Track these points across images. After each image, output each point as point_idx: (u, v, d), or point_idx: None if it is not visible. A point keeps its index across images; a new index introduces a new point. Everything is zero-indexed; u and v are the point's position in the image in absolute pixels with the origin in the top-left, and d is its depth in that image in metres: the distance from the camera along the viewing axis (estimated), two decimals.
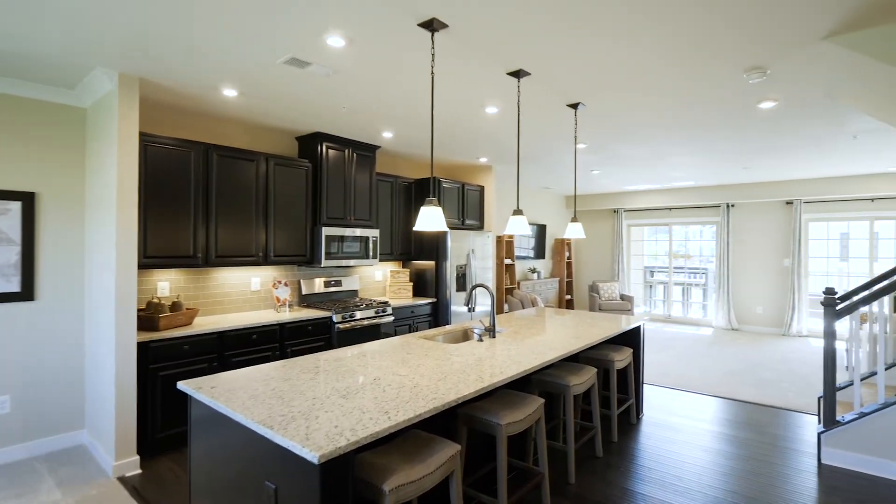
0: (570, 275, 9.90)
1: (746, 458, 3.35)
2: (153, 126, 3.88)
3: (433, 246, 5.65)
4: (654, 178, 7.62)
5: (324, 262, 4.55)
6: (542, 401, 2.61)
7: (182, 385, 2.11)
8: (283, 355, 4.05)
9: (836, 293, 4.13)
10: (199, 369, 3.54)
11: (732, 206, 8.61)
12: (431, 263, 5.68)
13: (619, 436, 3.73)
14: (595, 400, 3.31)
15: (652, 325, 8.99)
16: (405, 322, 5.20)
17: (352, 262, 4.84)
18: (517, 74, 3.02)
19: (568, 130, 4.47)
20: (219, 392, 2.01)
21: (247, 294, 4.44)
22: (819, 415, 4.17)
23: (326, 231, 4.58)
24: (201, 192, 3.81)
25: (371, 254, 5.04)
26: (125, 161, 3.13)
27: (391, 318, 4.92)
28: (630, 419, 4.04)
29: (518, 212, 3.29)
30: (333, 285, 5.06)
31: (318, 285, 4.92)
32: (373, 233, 5.05)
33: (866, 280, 7.52)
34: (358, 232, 4.89)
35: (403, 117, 4.10)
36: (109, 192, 3.18)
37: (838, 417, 3.28)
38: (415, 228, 2.54)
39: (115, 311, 3.08)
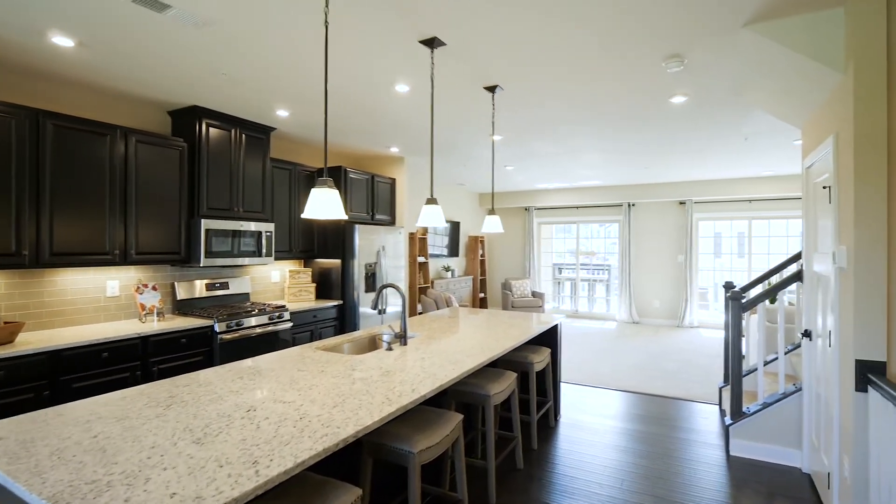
0: (483, 273, 9.81)
1: (662, 457, 3.29)
2: None
3: (339, 242, 5.11)
4: (564, 176, 7.72)
5: (203, 261, 3.83)
6: (460, 417, 2.25)
7: None
8: (147, 376, 3.30)
9: (735, 287, 4.30)
10: (21, 402, 2.71)
11: (633, 205, 9.05)
12: (337, 262, 5.13)
13: (539, 442, 3.52)
14: (515, 406, 3.05)
15: (560, 318, 9.16)
16: (306, 328, 4.61)
17: (241, 261, 4.15)
18: (431, 44, 2.64)
19: (485, 118, 4.20)
20: (6, 447, 1.38)
21: (100, 301, 3.59)
22: (720, 404, 4.32)
23: (207, 224, 3.86)
24: (28, 171, 2.95)
25: (264, 251, 4.39)
26: None
27: (289, 324, 4.31)
28: (549, 422, 3.86)
29: (432, 200, 2.92)
30: (219, 288, 4.32)
31: (199, 289, 4.17)
32: (267, 227, 4.39)
33: (746, 273, 8.24)
34: (248, 226, 4.21)
35: (300, 93, 3.54)
36: None
37: (744, 409, 3.34)
38: (303, 215, 2.05)
39: None
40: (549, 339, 4.02)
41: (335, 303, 4.99)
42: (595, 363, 5.89)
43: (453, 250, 9.10)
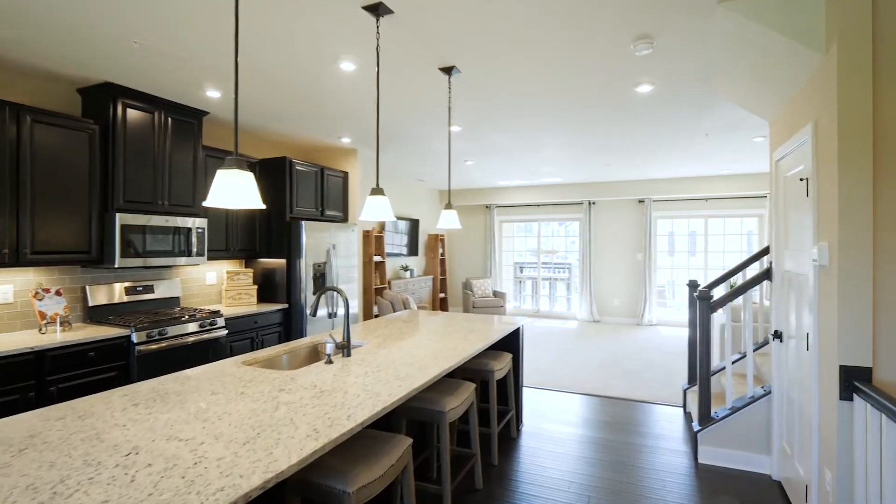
0: (443, 272, 9.52)
1: (629, 468, 3.09)
2: None
3: (283, 240, 4.68)
4: (525, 173, 7.53)
5: (118, 262, 3.33)
6: (408, 442, 1.93)
7: None
8: (45, 398, 2.79)
9: (699, 285, 4.18)
10: None
11: (594, 203, 8.99)
12: (282, 262, 4.70)
13: (501, 457, 3.25)
14: (474, 420, 2.76)
15: (522, 321, 8.99)
16: (246, 335, 4.17)
17: (165, 262, 3.66)
18: (376, 9, 2.31)
19: (441, 106, 3.89)
20: None
21: None
22: (684, 406, 4.19)
23: (123, 219, 3.36)
24: None
25: (195, 250, 3.91)
26: None
27: (223, 331, 3.85)
28: (511, 433, 3.60)
29: (377, 190, 2.58)
30: (141, 292, 3.82)
31: (118, 293, 3.66)
32: (198, 223, 3.92)
33: (703, 272, 8.32)
34: (175, 221, 3.73)
35: (231, 69, 3.12)
36: None
37: (712, 413, 3.19)
38: (205, 203, 1.66)
39: None
40: (511, 342, 3.76)
41: (280, 306, 4.55)
42: (557, 365, 5.71)
43: (412, 249, 8.77)
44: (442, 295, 9.35)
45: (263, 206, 1.71)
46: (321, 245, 4.85)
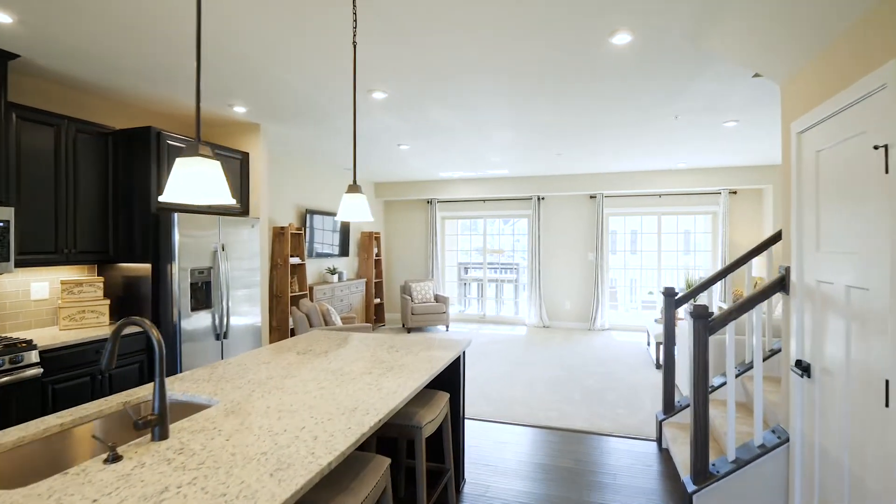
0: (379, 275, 8.48)
1: None
2: None
3: (148, 238, 3.50)
4: (470, 164, 6.67)
5: None
6: None
7: None
8: None
9: (676, 292, 3.47)
10: None
11: (543, 199, 8.30)
12: (146, 267, 3.51)
13: None
14: None
15: (467, 328, 8.17)
16: (82, 373, 2.97)
17: None
18: None
19: (348, 58, 2.90)
20: None
21: None
22: (659, 440, 3.46)
23: None
24: None
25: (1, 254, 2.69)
26: None
27: (37, 370, 2.66)
28: (448, 498, 2.68)
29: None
30: None
31: None
32: (1, 214, 2.69)
33: (656, 272, 7.84)
34: None
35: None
36: None
37: (710, 466, 2.43)
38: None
39: None
40: (452, 374, 2.84)
41: (141, 328, 3.37)
42: (506, 384, 4.88)
43: (344, 249, 7.67)
44: (378, 300, 8.31)
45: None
46: (205, 245, 3.70)
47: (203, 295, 3.69)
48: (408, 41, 2.67)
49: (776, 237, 3.13)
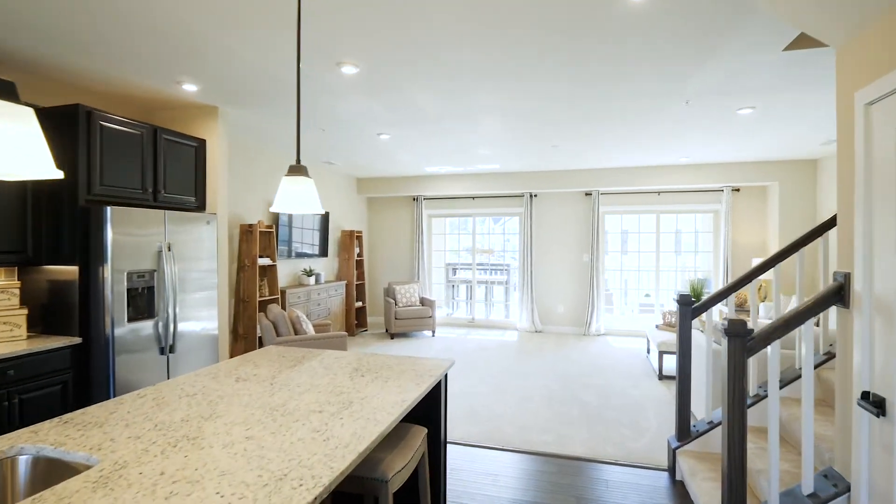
0: (361, 276, 7.96)
1: None
2: None
3: (75, 236, 2.97)
4: (458, 156, 6.19)
5: None
6: None
7: None
8: None
9: (693, 301, 3.01)
10: None
11: (535, 196, 7.85)
12: (73, 269, 2.98)
13: None
14: None
15: (454, 333, 7.69)
16: None
17: None
18: None
19: (326, 39, 2.41)
20: None
21: None
22: (672, 470, 3.01)
23: None
24: None
25: None
26: None
27: None
28: None
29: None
30: None
31: None
32: None
33: (654, 273, 7.41)
34: None
35: None
36: None
37: None
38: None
39: None
40: (432, 398, 2.36)
41: (68, 342, 2.85)
42: (496, 399, 4.40)
43: (324, 249, 7.15)
44: (359, 304, 7.79)
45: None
46: (146, 244, 3.18)
47: (144, 302, 3.17)
48: (399, 19, 2.18)
49: (830, 223, 2.69)
